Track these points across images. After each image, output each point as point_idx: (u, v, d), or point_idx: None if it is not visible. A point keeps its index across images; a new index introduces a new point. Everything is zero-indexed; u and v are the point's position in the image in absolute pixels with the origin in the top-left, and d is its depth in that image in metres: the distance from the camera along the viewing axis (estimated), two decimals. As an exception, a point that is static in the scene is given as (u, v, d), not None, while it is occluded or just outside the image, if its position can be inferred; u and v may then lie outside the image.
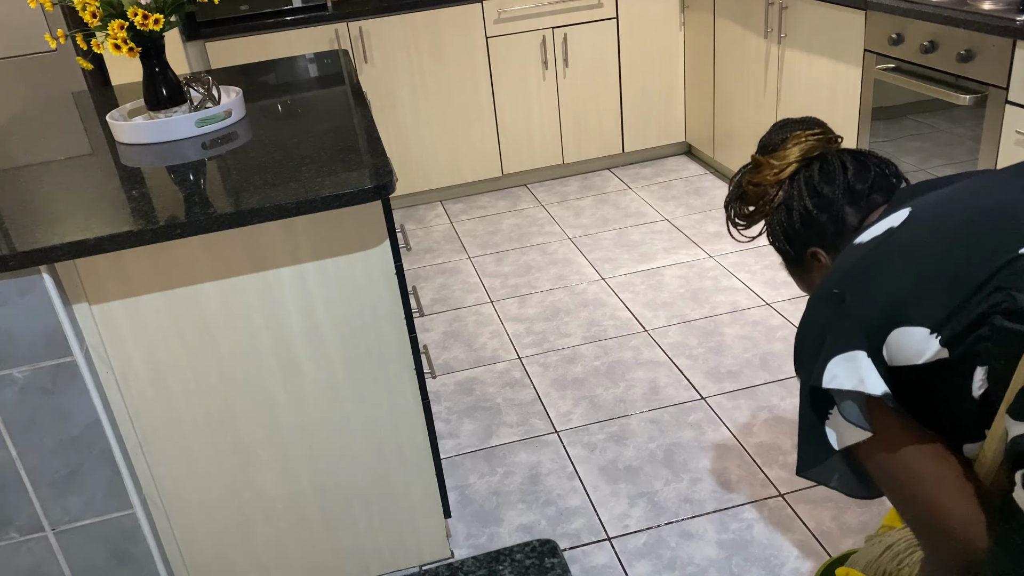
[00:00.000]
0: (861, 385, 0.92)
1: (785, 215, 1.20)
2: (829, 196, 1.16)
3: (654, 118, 4.07)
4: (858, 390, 0.93)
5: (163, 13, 1.80)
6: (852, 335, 0.94)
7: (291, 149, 1.73)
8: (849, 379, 0.93)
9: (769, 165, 1.21)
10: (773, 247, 1.26)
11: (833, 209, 1.15)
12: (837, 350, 0.95)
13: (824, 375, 0.95)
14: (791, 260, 1.24)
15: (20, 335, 1.45)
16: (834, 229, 1.16)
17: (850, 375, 0.93)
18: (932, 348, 0.89)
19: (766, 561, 1.84)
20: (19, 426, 1.51)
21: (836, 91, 2.86)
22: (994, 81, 2.19)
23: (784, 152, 1.20)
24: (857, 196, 1.15)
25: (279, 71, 2.48)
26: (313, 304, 1.60)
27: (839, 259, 1.05)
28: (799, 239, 1.20)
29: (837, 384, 0.94)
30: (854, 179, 1.15)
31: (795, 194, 1.19)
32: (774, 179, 1.20)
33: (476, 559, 1.93)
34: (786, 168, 1.20)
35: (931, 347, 0.89)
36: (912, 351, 0.90)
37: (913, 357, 0.90)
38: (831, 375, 0.94)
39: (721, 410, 2.34)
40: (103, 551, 1.66)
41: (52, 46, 3.41)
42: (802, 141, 1.20)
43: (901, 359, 0.92)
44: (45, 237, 1.40)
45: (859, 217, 1.14)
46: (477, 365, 2.69)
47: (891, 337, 0.92)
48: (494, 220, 3.78)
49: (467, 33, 3.70)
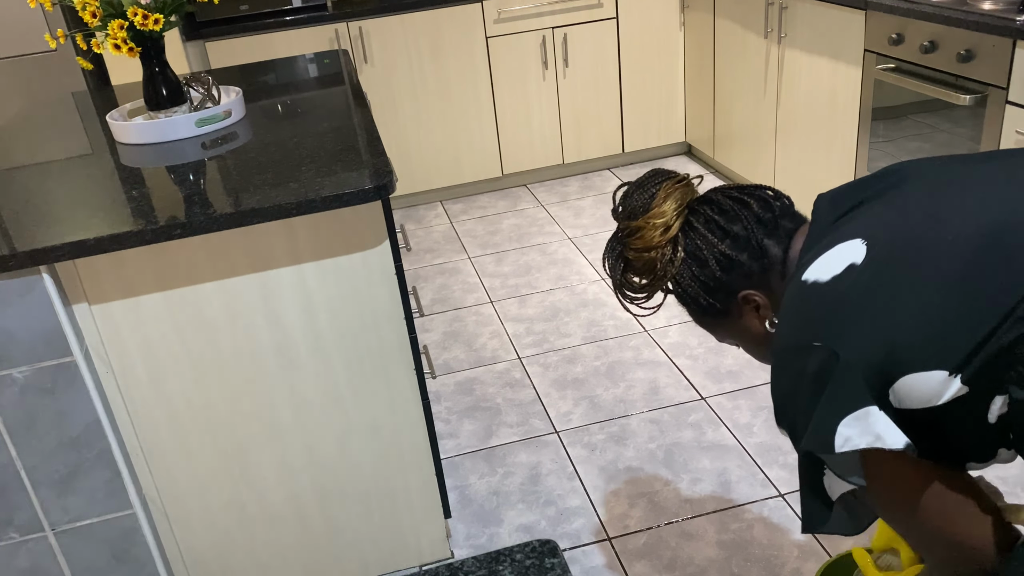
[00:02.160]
0: (879, 442, 0.86)
1: (698, 268, 1.09)
2: (742, 233, 1.07)
3: (654, 118, 4.07)
4: (875, 447, 0.87)
5: (163, 13, 1.80)
6: (856, 392, 0.87)
7: (291, 149, 1.73)
8: (864, 438, 0.87)
9: (651, 225, 1.09)
10: (690, 307, 1.14)
11: (752, 245, 1.06)
12: (844, 411, 0.87)
13: (836, 440, 0.88)
14: (716, 313, 1.12)
15: (20, 335, 1.45)
16: (759, 266, 1.07)
17: (864, 434, 0.87)
18: (952, 389, 0.84)
19: (766, 561, 1.84)
20: (19, 426, 1.51)
21: (836, 91, 2.86)
22: (994, 81, 2.19)
23: (659, 209, 1.09)
24: (769, 226, 1.07)
25: (279, 71, 2.48)
26: (313, 304, 1.60)
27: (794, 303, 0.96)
28: (723, 288, 1.09)
29: (851, 446, 0.87)
30: (759, 209, 1.08)
31: (700, 244, 1.08)
32: (663, 238, 1.09)
33: (476, 559, 1.93)
34: (673, 223, 1.09)
35: (951, 388, 0.84)
36: (928, 394, 0.86)
37: (930, 400, 0.86)
38: (843, 439, 0.88)
39: (721, 410, 2.34)
40: (103, 551, 1.66)
41: (52, 46, 3.40)
42: (673, 191, 1.11)
43: (915, 403, 0.87)
44: (45, 237, 1.40)
45: (781, 247, 1.07)
46: (477, 365, 2.69)
47: (900, 384, 0.86)
48: (494, 220, 3.78)
49: (467, 33, 3.70)
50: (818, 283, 0.93)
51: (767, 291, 1.08)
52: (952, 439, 0.90)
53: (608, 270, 1.16)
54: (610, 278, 1.16)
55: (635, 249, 1.11)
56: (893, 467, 0.90)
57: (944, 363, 0.83)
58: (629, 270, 1.14)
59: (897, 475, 0.90)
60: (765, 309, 1.08)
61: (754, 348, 1.14)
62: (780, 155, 3.31)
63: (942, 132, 2.43)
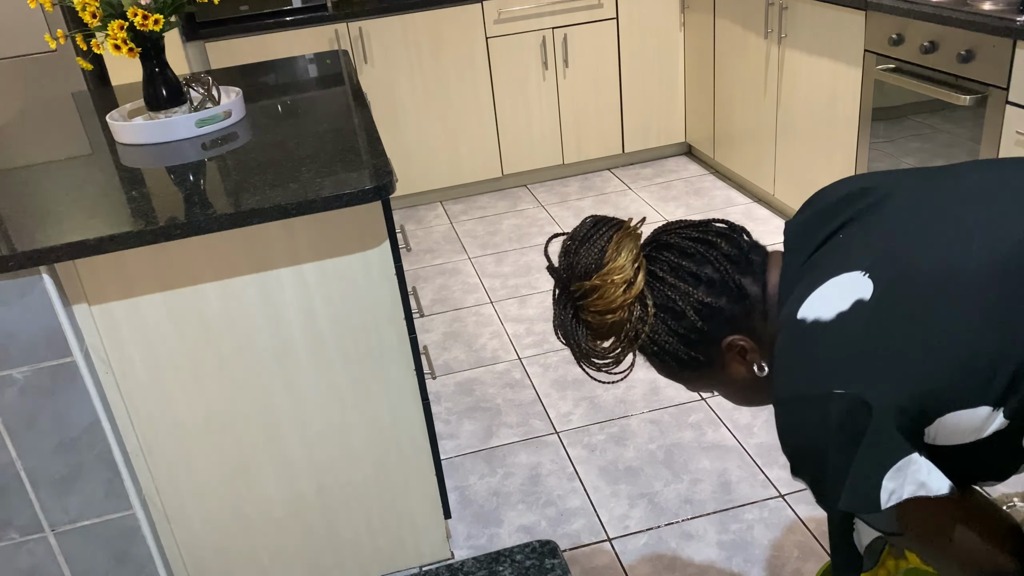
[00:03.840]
0: (923, 489, 0.82)
1: (674, 321, 0.98)
2: (716, 276, 0.98)
3: (654, 118, 4.07)
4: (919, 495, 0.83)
5: (163, 13, 1.80)
6: (895, 442, 0.82)
7: (291, 149, 1.73)
8: (908, 488, 0.82)
9: (611, 283, 0.97)
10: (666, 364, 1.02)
11: (730, 287, 0.97)
12: (887, 465, 0.82)
13: (881, 496, 0.83)
14: (698, 365, 1.01)
15: (20, 335, 1.45)
16: (741, 309, 0.98)
17: (908, 484, 0.82)
18: (996, 422, 0.82)
19: (767, 562, 1.84)
20: (19, 427, 1.51)
21: (836, 91, 2.86)
22: (994, 81, 2.19)
23: (615, 264, 0.97)
24: (741, 264, 0.99)
25: (279, 71, 2.48)
26: (313, 305, 1.60)
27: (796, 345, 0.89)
28: (704, 338, 0.99)
29: (897, 499, 0.83)
30: (728, 247, 0.99)
31: (672, 295, 0.98)
32: (629, 295, 0.97)
33: (476, 560, 1.93)
34: (635, 277, 0.97)
35: (995, 422, 0.81)
36: (971, 429, 0.83)
37: (973, 435, 0.83)
38: (888, 492, 0.82)
39: (721, 410, 2.34)
40: (103, 552, 1.66)
41: (52, 46, 3.40)
42: (624, 240, 0.99)
43: (956, 440, 0.84)
44: (45, 237, 1.40)
45: (759, 284, 0.99)
46: (477, 366, 2.69)
47: (939, 423, 0.83)
48: (494, 220, 3.78)
49: (467, 33, 3.70)
50: (820, 322, 0.87)
51: (750, 333, 1.00)
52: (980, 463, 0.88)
53: (564, 339, 1.03)
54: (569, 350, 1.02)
55: (596, 311, 0.99)
56: (933, 510, 0.87)
57: (986, 398, 0.80)
58: (593, 336, 1.01)
59: (934, 516, 0.87)
60: (752, 353, 1.00)
61: (738, 394, 1.07)
62: (780, 155, 3.31)
63: (942, 132, 2.43)
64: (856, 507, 0.84)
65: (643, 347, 1.02)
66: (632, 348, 1.01)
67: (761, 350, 1.00)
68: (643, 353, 1.03)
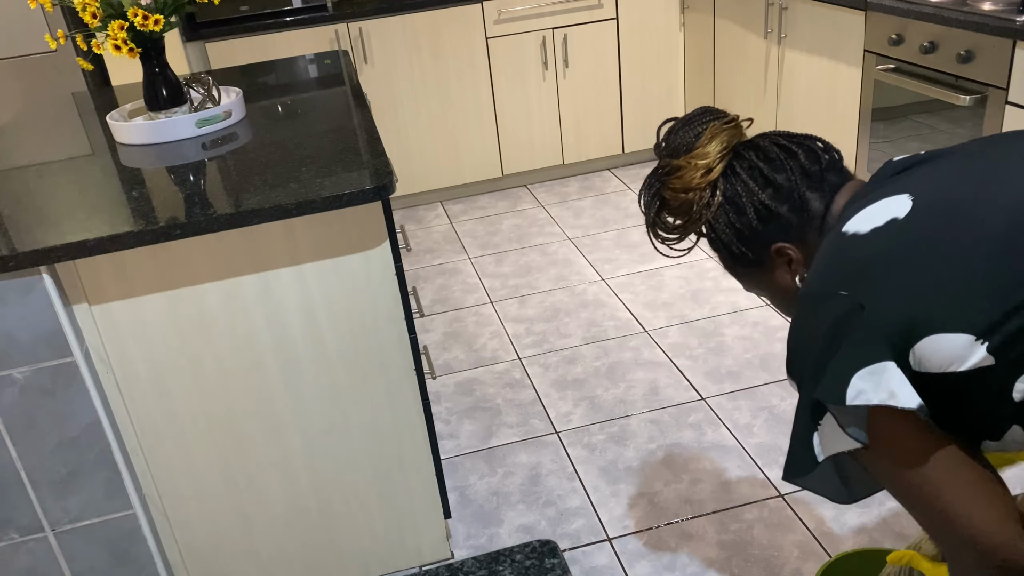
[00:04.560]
0: (892, 399, 0.84)
1: (735, 215, 1.05)
2: (785, 184, 1.03)
3: (654, 118, 4.07)
4: (888, 404, 0.85)
5: (163, 13, 1.80)
6: (876, 345, 0.85)
7: (291, 150, 1.73)
8: (877, 394, 0.85)
9: (693, 166, 1.05)
10: (721, 254, 1.10)
11: (794, 197, 1.03)
12: (860, 363, 0.86)
13: (848, 392, 0.86)
14: (748, 263, 1.09)
15: (20, 336, 1.45)
16: (799, 220, 1.03)
17: (878, 389, 0.85)
18: (977, 355, 0.83)
19: (766, 562, 1.84)
20: (19, 427, 1.51)
21: (836, 91, 2.86)
22: (994, 82, 2.19)
23: (703, 150, 1.06)
24: (814, 179, 1.04)
25: (279, 71, 2.48)
26: (313, 305, 1.60)
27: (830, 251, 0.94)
28: (758, 238, 1.05)
29: (864, 400, 0.85)
30: (806, 161, 1.04)
31: (740, 190, 1.04)
32: (704, 180, 1.05)
33: (476, 560, 1.93)
34: (716, 165, 1.05)
35: (976, 354, 0.83)
36: (951, 357, 0.84)
37: (952, 364, 0.84)
38: (856, 391, 0.86)
39: (721, 411, 2.34)
40: (103, 551, 1.66)
41: (52, 47, 3.40)
42: (720, 132, 1.06)
43: (936, 366, 0.86)
44: (45, 237, 1.40)
45: (824, 202, 1.03)
46: (477, 366, 2.69)
47: (922, 344, 0.85)
48: (494, 221, 3.78)
49: (467, 33, 3.70)
50: (858, 235, 0.91)
51: (802, 245, 1.05)
52: (967, 412, 0.88)
53: (643, 207, 1.12)
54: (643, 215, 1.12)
55: (673, 189, 1.08)
56: (902, 428, 0.87)
57: (971, 327, 0.82)
58: (664, 209, 1.10)
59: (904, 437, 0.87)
60: (797, 264, 1.05)
61: (780, 301, 1.12)
62: (780, 155, 3.31)
63: (942, 132, 2.43)
64: (824, 396, 0.88)
65: (705, 232, 1.10)
66: (694, 229, 1.09)
67: (808, 264, 1.05)
68: (705, 239, 1.11)
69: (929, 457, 0.87)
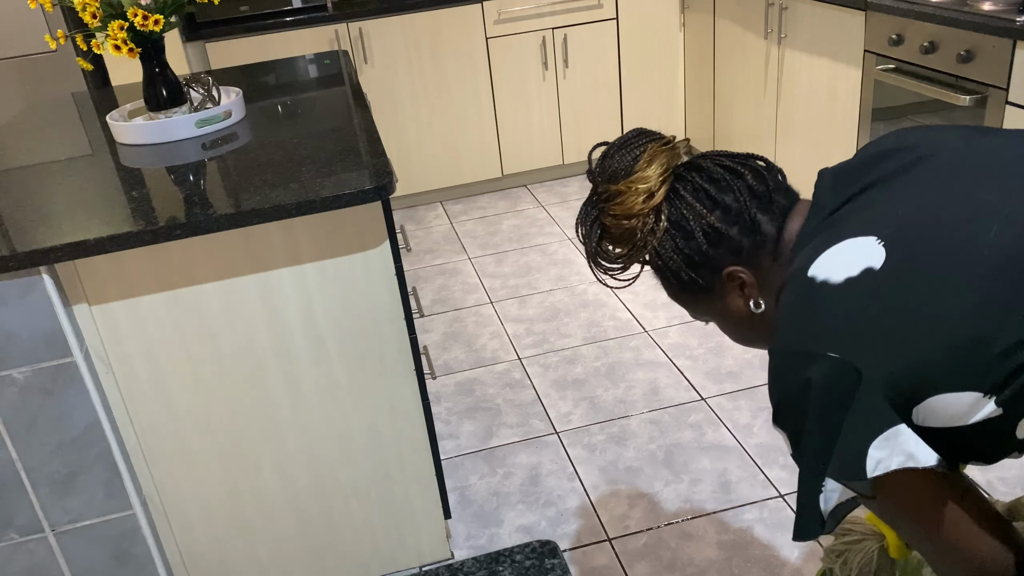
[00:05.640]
0: (911, 460, 0.82)
1: (682, 239, 1.00)
2: (734, 205, 0.99)
3: (654, 118, 4.07)
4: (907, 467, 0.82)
5: (163, 14, 1.80)
6: (882, 411, 0.82)
7: (291, 150, 1.73)
8: (895, 458, 0.82)
9: (633, 191, 1.00)
10: (668, 282, 1.05)
11: (744, 218, 0.99)
12: (873, 433, 0.83)
13: (867, 464, 0.83)
14: (697, 289, 1.04)
15: (20, 336, 1.45)
16: (750, 242, 0.99)
17: (895, 454, 0.82)
18: (986, 410, 0.81)
19: (766, 562, 1.84)
20: (19, 427, 1.51)
21: (836, 91, 2.86)
22: (994, 82, 2.19)
23: (643, 173, 1.00)
24: (763, 200, 0.99)
25: (279, 72, 2.48)
26: (313, 305, 1.60)
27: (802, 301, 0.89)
28: (708, 262, 1.00)
29: (884, 468, 0.83)
30: (754, 181, 1.00)
31: (687, 213, 0.99)
32: (646, 206, 1.00)
33: (476, 560, 1.93)
34: (658, 189, 1.00)
35: (985, 409, 0.81)
36: (959, 414, 0.82)
37: (958, 419, 0.82)
38: (875, 462, 0.83)
39: (721, 411, 2.34)
40: (103, 552, 1.66)
41: (52, 47, 3.40)
42: (658, 154, 1.01)
43: (941, 422, 0.83)
44: (45, 237, 1.40)
45: (775, 225, 0.99)
46: (477, 366, 2.69)
47: (927, 404, 0.82)
48: (494, 221, 3.78)
49: (467, 33, 3.70)
50: (829, 283, 0.87)
51: (754, 269, 1.01)
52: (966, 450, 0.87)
53: (581, 237, 1.07)
54: (583, 246, 1.08)
55: (614, 215, 1.02)
56: (920, 483, 0.86)
57: (978, 384, 0.80)
58: (606, 238, 1.05)
59: (920, 490, 0.86)
60: (751, 288, 1.01)
61: (732, 328, 1.08)
62: (780, 156, 3.31)
63: (942, 133, 2.42)
64: (843, 474, 0.85)
65: (650, 260, 1.05)
66: (639, 258, 1.04)
67: (761, 288, 1.01)
68: (650, 267, 1.06)
69: (941, 504, 0.86)
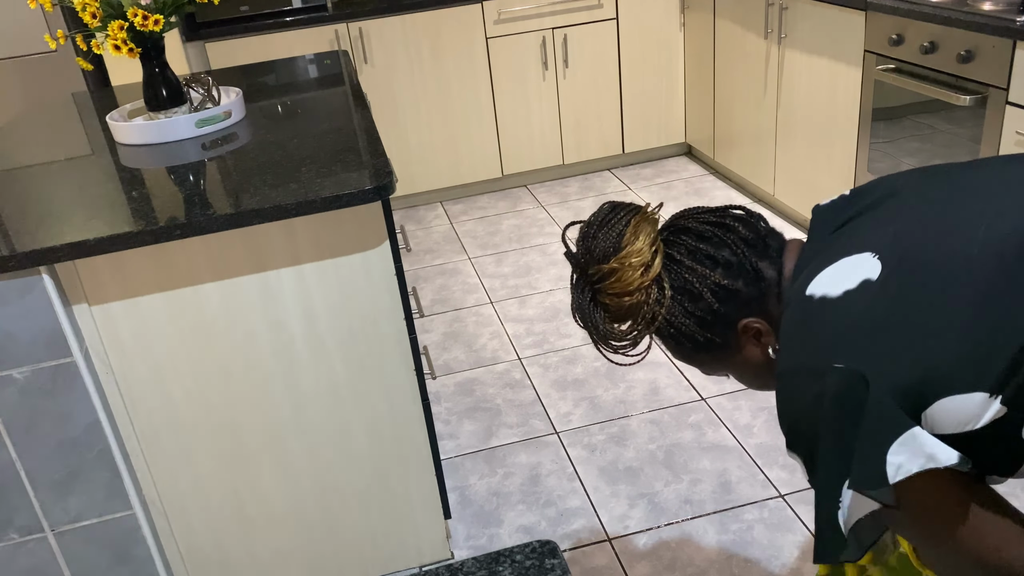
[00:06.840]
0: (932, 461, 0.81)
1: (691, 303, 1.01)
2: (734, 259, 1.00)
3: (654, 119, 4.07)
4: (928, 468, 0.81)
5: (163, 14, 1.80)
6: (895, 415, 0.82)
7: (291, 150, 1.73)
8: (916, 461, 0.81)
9: (629, 266, 1.00)
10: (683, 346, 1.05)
11: (747, 269, 1.00)
12: (889, 438, 0.82)
13: (888, 471, 0.82)
14: (714, 347, 1.04)
15: (20, 336, 1.45)
16: (757, 291, 1.00)
17: (915, 457, 0.81)
18: (993, 409, 0.81)
19: (766, 562, 1.84)
20: (19, 427, 1.51)
21: (836, 92, 2.86)
22: (994, 82, 2.19)
23: (633, 247, 1.00)
24: (758, 247, 1.01)
25: (279, 72, 2.48)
26: (313, 305, 1.60)
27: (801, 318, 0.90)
28: (720, 320, 1.01)
29: (905, 472, 0.82)
30: (745, 231, 1.01)
31: (690, 277, 1.00)
32: (646, 279, 1.00)
33: (476, 560, 1.93)
34: (653, 260, 1.00)
35: (992, 409, 0.81)
36: (967, 417, 0.82)
37: (968, 423, 0.82)
38: (895, 467, 0.82)
39: (721, 411, 2.34)
40: (103, 552, 1.66)
41: (52, 47, 3.40)
42: (641, 225, 1.01)
43: (951, 427, 0.83)
44: (45, 237, 1.40)
45: (775, 268, 1.01)
46: (477, 366, 2.69)
47: (935, 408, 0.82)
48: (494, 221, 3.78)
49: (467, 33, 3.70)
50: (828, 298, 0.88)
51: (766, 316, 1.02)
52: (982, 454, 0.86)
53: (583, 323, 1.05)
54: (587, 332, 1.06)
55: (613, 294, 1.02)
56: (943, 484, 0.85)
57: (983, 384, 0.80)
58: (610, 318, 1.04)
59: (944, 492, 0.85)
60: (767, 336, 1.02)
61: (752, 377, 1.08)
62: (780, 156, 3.31)
63: (942, 133, 2.43)
64: (865, 483, 0.84)
65: (660, 329, 1.04)
66: (649, 330, 1.03)
67: (776, 333, 1.02)
68: (659, 336, 1.05)
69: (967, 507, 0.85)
